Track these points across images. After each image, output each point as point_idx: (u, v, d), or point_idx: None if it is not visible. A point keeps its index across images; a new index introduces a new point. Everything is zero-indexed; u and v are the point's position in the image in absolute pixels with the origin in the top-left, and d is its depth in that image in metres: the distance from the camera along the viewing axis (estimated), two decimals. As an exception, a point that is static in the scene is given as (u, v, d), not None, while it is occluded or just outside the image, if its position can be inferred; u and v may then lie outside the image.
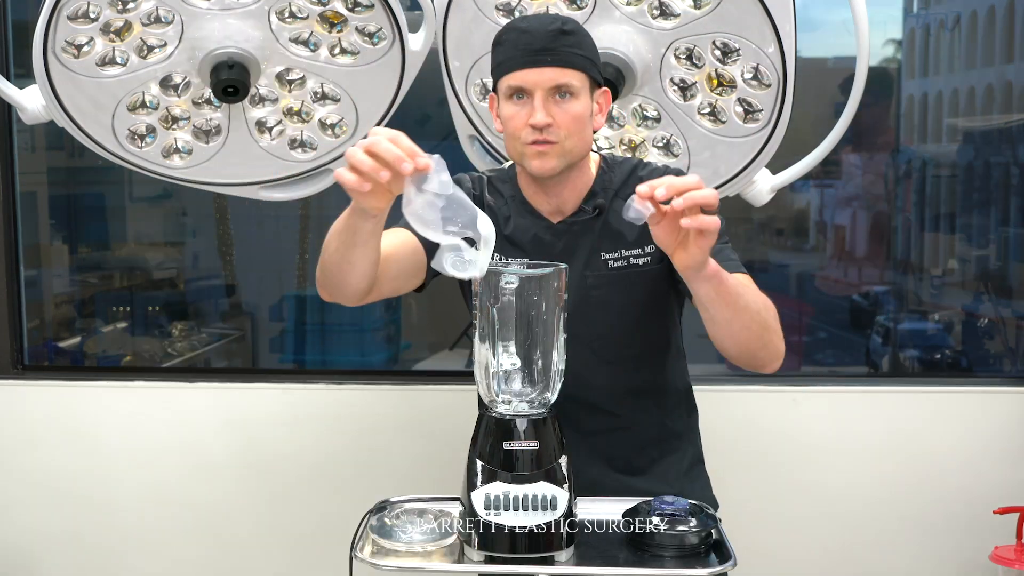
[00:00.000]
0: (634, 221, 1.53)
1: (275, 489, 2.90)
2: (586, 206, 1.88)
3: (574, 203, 1.89)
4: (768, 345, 1.73)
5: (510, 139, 1.83)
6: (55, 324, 3.73)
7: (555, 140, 1.79)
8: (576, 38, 1.81)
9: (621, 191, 1.89)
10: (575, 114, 1.79)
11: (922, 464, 2.80)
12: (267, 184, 2.35)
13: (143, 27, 2.12)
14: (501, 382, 1.54)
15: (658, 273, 1.87)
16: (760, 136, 2.19)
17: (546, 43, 1.77)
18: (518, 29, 1.81)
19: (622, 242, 1.87)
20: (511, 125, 1.81)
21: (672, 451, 1.96)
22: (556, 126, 1.78)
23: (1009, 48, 3.90)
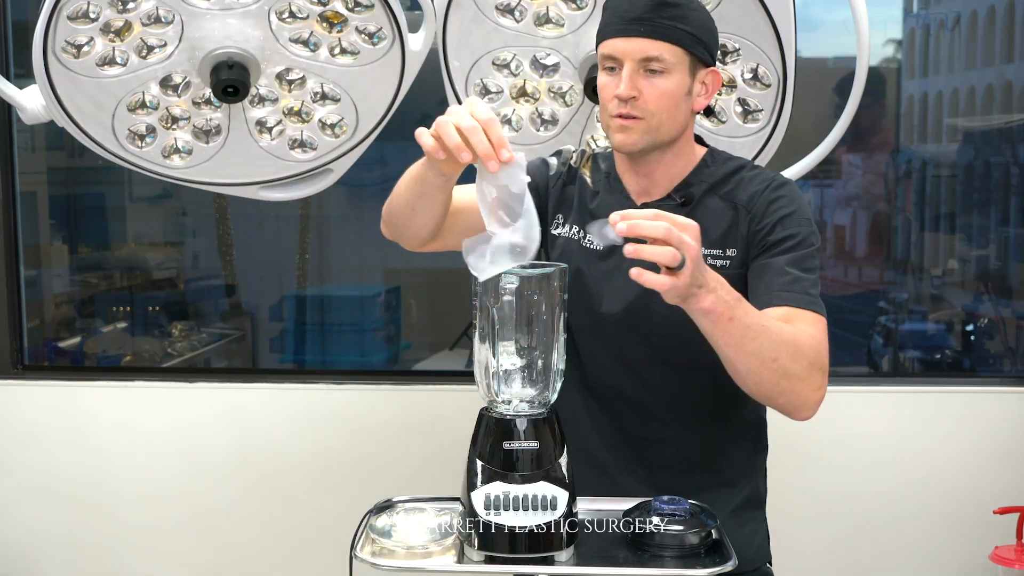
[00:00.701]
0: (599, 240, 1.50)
1: (275, 489, 2.90)
2: (675, 194, 1.80)
3: (664, 188, 1.81)
4: (787, 393, 1.59)
5: (602, 110, 1.76)
6: (55, 324, 3.73)
7: (640, 116, 1.71)
8: (680, 11, 1.70)
9: (718, 187, 1.80)
10: (665, 90, 1.70)
11: (922, 464, 2.80)
12: (267, 184, 2.35)
13: (143, 27, 2.12)
14: (501, 382, 1.54)
15: (738, 278, 1.75)
16: (760, 136, 2.19)
17: (642, 12, 1.69)
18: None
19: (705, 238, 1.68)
20: (602, 95, 1.74)
21: (724, 484, 1.81)
22: (643, 100, 1.70)
23: (1009, 48, 3.91)
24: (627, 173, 1.84)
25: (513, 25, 2.15)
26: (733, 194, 1.79)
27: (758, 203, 1.77)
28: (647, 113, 1.71)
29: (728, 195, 1.80)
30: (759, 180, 1.80)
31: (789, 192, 1.79)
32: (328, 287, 4.11)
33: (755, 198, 1.77)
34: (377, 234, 1.95)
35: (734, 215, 1.78)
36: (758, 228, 1.76)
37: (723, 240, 1.77)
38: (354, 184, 3.87)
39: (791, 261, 1.72)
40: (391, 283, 4.02)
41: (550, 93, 2.22)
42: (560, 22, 2.13)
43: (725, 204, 1.79)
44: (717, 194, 1.80)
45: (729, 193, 1.80)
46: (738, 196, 1.79)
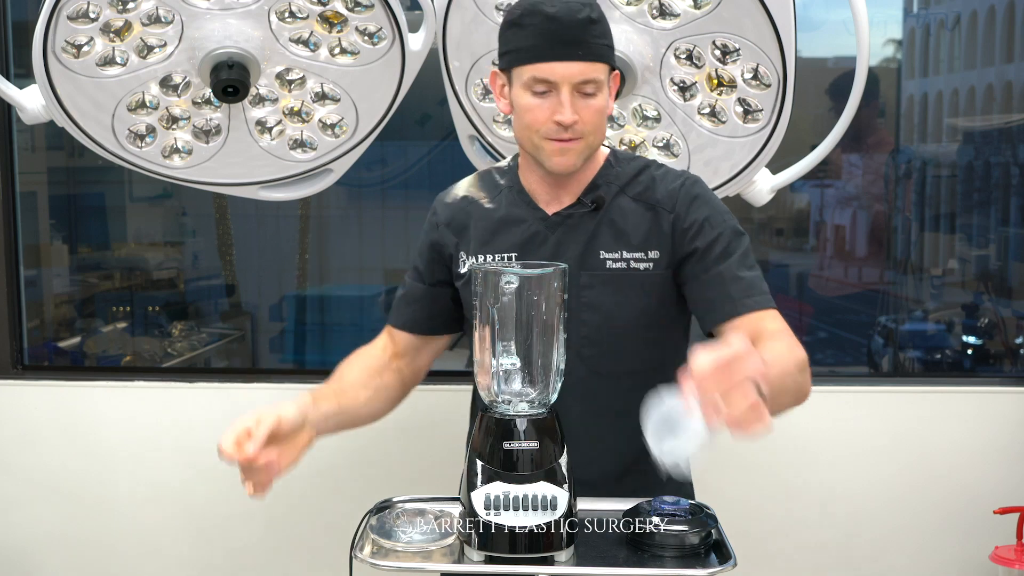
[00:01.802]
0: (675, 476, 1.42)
1: (275, 489, 2.89)
2: (584, 199, 1.81)
3: (573, 193, 1.82)
4: (800, 400, 1.67)
5: (525, 130, 1.75)
6: (55, 324, 3.73)
7: (579, 136, 1.73)
8: (602, 25, 1.73)
9: (628, 188, 1.82)
10: (598, 108, 1.73)
11: (922, 464, 2.80)
12: (267, 184, 2.35)
13: (143, 27, 2.12)
14: (501, 382, 1.54)
15: (663, 280, 1.79)
16: (760, 136, 2.19)
17: (576, 34, 1.68)
18: (544, 14, 1.69)
19: (624, 242, 1.79)
20: (529, 116, 1.73)
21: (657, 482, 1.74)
22: (581, 122, 1.71)
23: (1009, 48, 3.90)
24: (538, 185, 1.84)
25: (513, 25, 2.15)
26: (646, 194, 1.82)
27: (678, 202, 1.79)
28: (584, 133, 1.73)
29: (641, 196, 1.82)
30: (671, 178, 1.82)
31: (704, 189, 1.83)
32: (328, 287, 4.11)
33: (673, 196, 1.80)
34: (377, 234, 1.95)
35: (653, 215, 1.80)
36: (685, 227, 1.78)
37: (645, 243, 1.79)
38: (354, 184, 3.87)
39: (738, 263, 1.76)
40: (391, 283, 4.01)
41: (550, 93, 2.22)
42: (560, 22, 2.13)
43: (639, 205, 1.81)
44: (628, 195, 1.82)
45: (642, 194, 1.82)
46: (652, 196, 1.81)
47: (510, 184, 1.88)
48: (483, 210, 1.88)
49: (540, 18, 1.69)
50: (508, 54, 1.75)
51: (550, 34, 1.68)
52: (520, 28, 1.72)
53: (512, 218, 1.85)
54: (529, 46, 1.70)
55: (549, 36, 1.68)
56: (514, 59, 1.73)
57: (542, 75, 1.70)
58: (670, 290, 1.81)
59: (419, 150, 3.94)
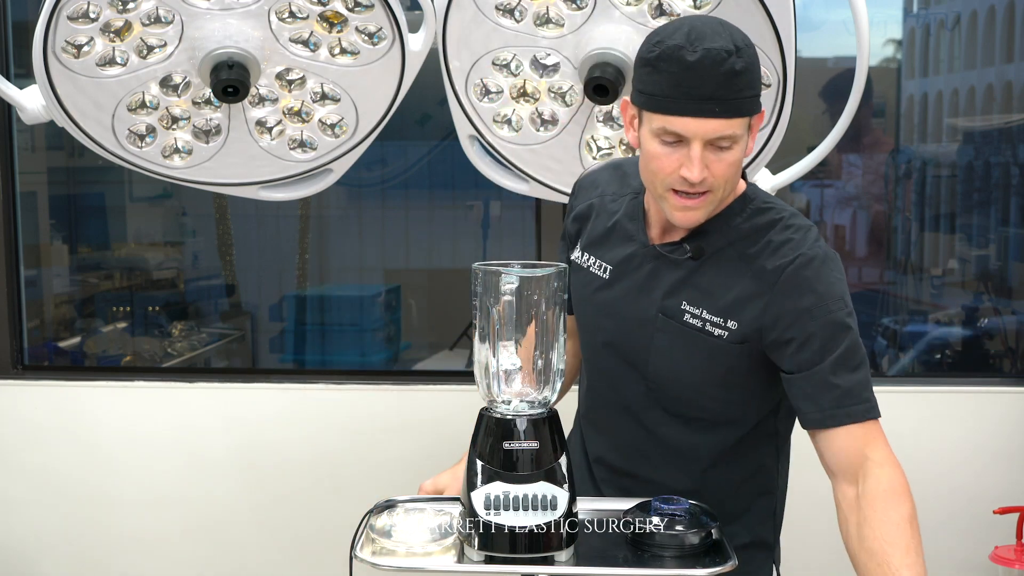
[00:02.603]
0: None
1: (275, 489, 2.90)
2: (687, 243, 1.67)
3: (685, 230, 1.68)
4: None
5: (651, 175, 1.62)
6: (55, 324, 3.73)
7: (708, 191, 1.59)
8: (748, 76, 1.54)
9: (740, 243, 1.65)
10: (732, 161, 1.58)
11: (922, 464, 2.79)
12: (267, 184, 2.35)
13: (143, 27, 2.12)
14: (501, 382, 1.54)
15: (737, 351, 1.65)
16: (760, 136, 2.19)
17: (715, 90, 1.51)
18: (683, 62, 1.52)
19: (709, 302, 1.66)
20: (656, 164, 1.59)
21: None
22: (711, 176, 1.57)
23: (1009, 48, 3.91)
24: (653, 207, 1.72)
25: (513, 25, 2.15)
26: (756, 258, 1.65)
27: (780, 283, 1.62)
28: (714, 187, 1.59)
29: (749, 256, 1.65)
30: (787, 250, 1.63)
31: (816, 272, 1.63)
32: (328, 287, 4.11)
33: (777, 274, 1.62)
34: (377, 234, 1.95)
35: (750, 283, 1.64)
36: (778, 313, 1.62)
37: (730, 309, 1.64)
38: (354, 184, 3.88)
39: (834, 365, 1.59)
40: (391, 283, 4.02)
41: (550, 93, 2.22)
42: (560, 22, 2.13)
43: (743, 265, 1.65)
44: (736, 249, 1.66)
45: (751, 255, 1.65)
46: (760, 262, 1.64)
47: (636, 192, 1.77)
48: (606, 207, 1.81)
49: (678, 66, 1.52)
50: (641, 94, 1.59)
51: (686, 87, 1.52)
52: (655, 71, 1.55)
53: (622, 231, 1.76)
54: (662, 95, 1.55)
55: (685, 89, 1.52)
56: (646, 103, 1.58)
57: (673, 128, 1.55)
58: (743, 360, 1.66)
59: (419, 150, 3.95)
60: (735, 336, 1.64)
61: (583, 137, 2.26)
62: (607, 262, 1.76)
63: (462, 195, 4.04)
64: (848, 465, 1.62)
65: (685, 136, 1.55)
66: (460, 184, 4.01)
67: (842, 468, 1.63)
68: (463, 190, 4.01)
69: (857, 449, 1.61)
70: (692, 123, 1.53)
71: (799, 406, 1.63)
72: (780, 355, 1.63)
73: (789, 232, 1.66)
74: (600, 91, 2.09)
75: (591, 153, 2.27)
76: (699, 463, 1.76)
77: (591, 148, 2.27)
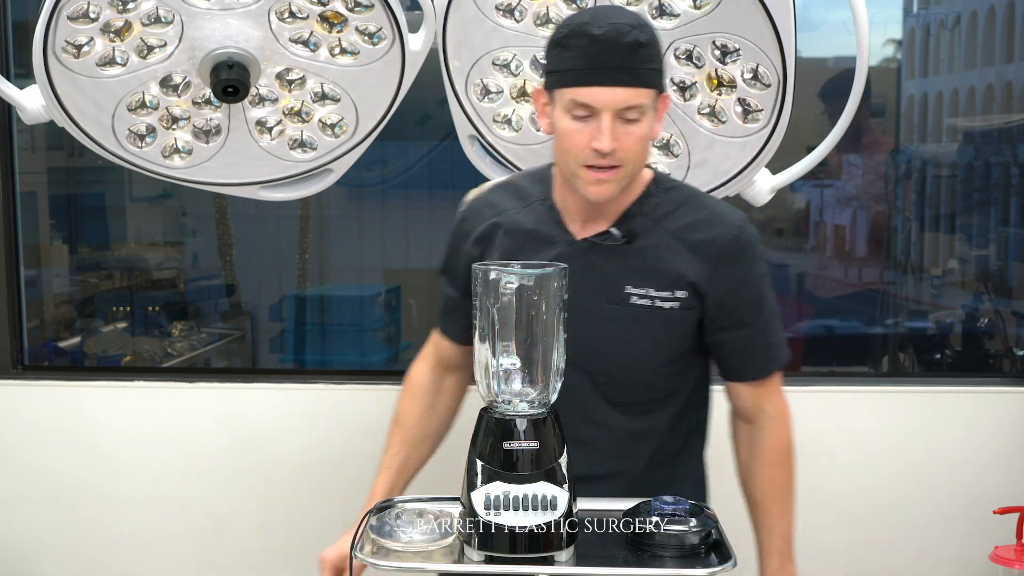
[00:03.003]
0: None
1: (275, 489, 2.90)
2: (615, 229, 1.75)
3: (607, 218, 1.76)
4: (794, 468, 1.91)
5: (563, 153, 1.70)
6: (55, 324, 3.73)
7: (618, 164, 1.66)
8: (651, 49, 1.65)
9: (665, 221, 1.75)
10: (640, 135, 1.66)
11: (922, 464, 2.80)
12: (267, 184, 2.35)
13: (143, 27, 2.12)
14: (501, 382, 1.54)
15: (687, 318, 1.76)
16: (760, 136, 2.19)
17: (622, 59, 1.61)
18: (589, 36, 1.62)
19: (653, 279, 1.74)
20: (568, 141, 1.67)
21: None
22: (621, 149, 1.64)
23: (1009, 48, 3.91)
24: (568, 201, 1.78)
25: (513, 25, 2.15)
26: (686, 233, 1.75)
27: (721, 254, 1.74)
28: (624, 161, 1.67)
29: (680, 232, 1.76)
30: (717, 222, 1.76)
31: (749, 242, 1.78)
32: (328, 287, 4.11)
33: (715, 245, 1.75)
34: (377, 234, 1.95)
35: (689, 256, 1.75)
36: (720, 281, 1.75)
37: (675, 282, 1.74)
38: (354, 184, 3.88)
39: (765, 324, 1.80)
40: (391, 283, 4.02)
41: (550, 93, 2.22)
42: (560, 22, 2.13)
43: (676, 242, 1.75)
44: (665, 227, 1.76)
45: (681, 231, 1.76)
46: (693, 236, 1.75)
47: (543, 197, 1.82)
48: (512, 220, 1.83)
49: (586, 40, 1.62)
50: (551, 75, 1.69)
51: (594, 58, 1.61)
52: (565, 49, 1.65)
53: (540, 235, 1.80)
54: (572, 68, 1.63)
55: (593, 60, 1.61)
56: (557, 81, 1.67)
57: (583, 99, 1.63)
58: (691, 326, 1.78)
59: (419, 150, 3.94)
60: (685, 304, 1.75)
61: (583, 137, 2.26)
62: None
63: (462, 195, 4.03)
64: (749, 410, 1.86)
65: (595, 107, 1.63)
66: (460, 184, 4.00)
67: (743, 411, 1.87)
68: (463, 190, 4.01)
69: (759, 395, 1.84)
70: (601, 93, 1.62)
71: (729, 362, 1.83)
72: (718, 316, 1.77)
73: (710, 205, 1.80)
74: (600, 91, 2.08)
75: (591, 153, 2.27)
76: (652, 441, 1.83)
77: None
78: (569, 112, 1.65)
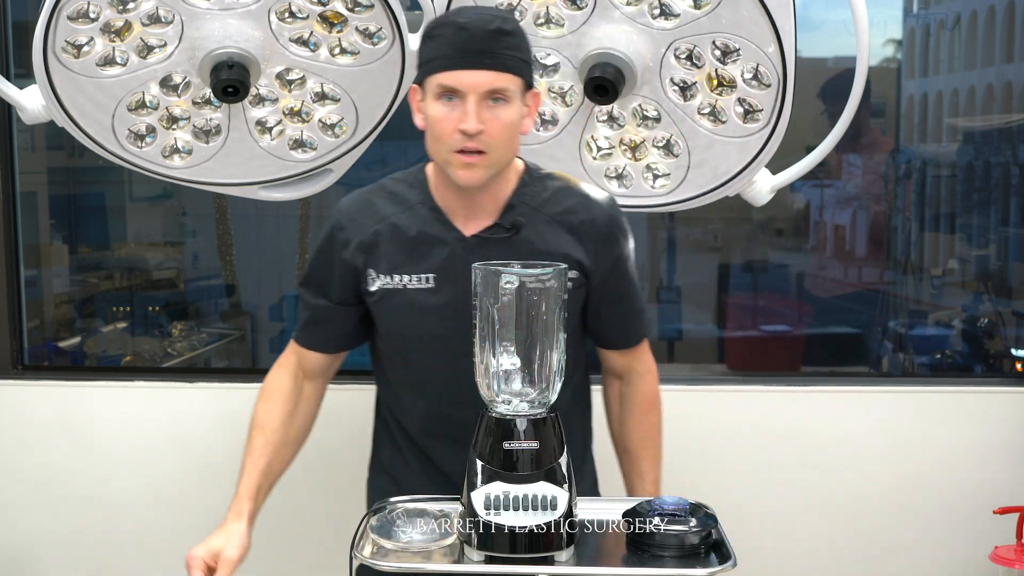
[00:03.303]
0: None
1: (275, 489, 2.90)
2: (502, 222, 1.83)
3: (490, 212, 1.83)
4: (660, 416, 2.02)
5: (435, 141, 1.76)
6: (55, 324, 3.74)
7: (484, 150, 1.72)
8: (515, 39, 1.74)
9: (545, 207, 1.85)
10: (507, 121, 1.73)
11: (922, 464, 2.80)
12: (267, 184, 2.35)
13: (143, 27, 2.12)
14: (501, 382, 1.54)
15: (580, 296, 1.86)
16: (760, 136, 2.19)
17: (485, 43, 1.70)
18: (455, 24, 1.72)
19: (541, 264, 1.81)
20: (438, 127, 1.74)
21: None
22: (487, 134, 1.71)
23: (1009, 48, 3.91)
24: (452, 202, 1.84)
25: (513, 25, 2.15)
26: (566, 217, 1.86)
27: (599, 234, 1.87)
28: (491, 147, 1.73)
29: (560, 217, 1.86)
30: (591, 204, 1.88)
31: (622, 220, 1.92)
32: (328, 287, 4.10)
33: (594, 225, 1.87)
34: (377, 234, 1.95)
35: (572, 239, 1.86)
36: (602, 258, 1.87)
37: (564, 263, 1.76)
38: (354, 184, 3.85)
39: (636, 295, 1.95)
40: (391, 283, 4.01)
41: (550, 93, 2.22)
42: (560, 22, 2.13)
43: (558, 226, 1.86)
44: (545, 213, 1.85)
45: (561, 215, 1.86)
46: (573, 219, 1.86)
47: (422, 199, 1.87)
48: (394, 227, 1.87)
49: (451, 29, 1.72)
50: (421, 67, 1.78)
51: (458, 44, 1.70)
52: (432, 39, 1.74)
53: (428, 238, 1.85)
54: (438, 56, 1.72)
55: (458, 45, 1.70)
56: (425, 70, 1.75)
57: (448, 83, 1.71)
58: (580, 304, 1.89)
59: (419, 150, 3.94)
60: (576, 283, 1.84)
61: (583, 137, 2.26)
62: (425, 272, 1.84)
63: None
64: (622, 369, 2.00)
65: (460, 90, 1.70)
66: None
67: (616, 370, 2.01)
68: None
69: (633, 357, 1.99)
70: (465, 76, 1.69)
71: (609, 333, 1.96)
72: (600, 292, 1.90)
73: (582, 190, 1.91)
74: (600, 91, 2.09)
75: (591, 153, 2.27)
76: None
77: (591, 148, 2.27)
78: (438, 99, 1.73)
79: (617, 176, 2.29)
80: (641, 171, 2.28)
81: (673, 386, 2.79)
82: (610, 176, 2.29)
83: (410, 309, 1.85)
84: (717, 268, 4.12)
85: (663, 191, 2.29)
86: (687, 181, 2.26)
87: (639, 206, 2.34)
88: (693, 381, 2.91)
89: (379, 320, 1.92)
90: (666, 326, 3.88)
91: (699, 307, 4.07)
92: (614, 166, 2.28)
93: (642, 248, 3.91)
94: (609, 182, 2.29)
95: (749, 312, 4.09)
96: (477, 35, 1.69)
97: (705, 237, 4.21)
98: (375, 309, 1.90)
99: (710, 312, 4.04)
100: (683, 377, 3.06)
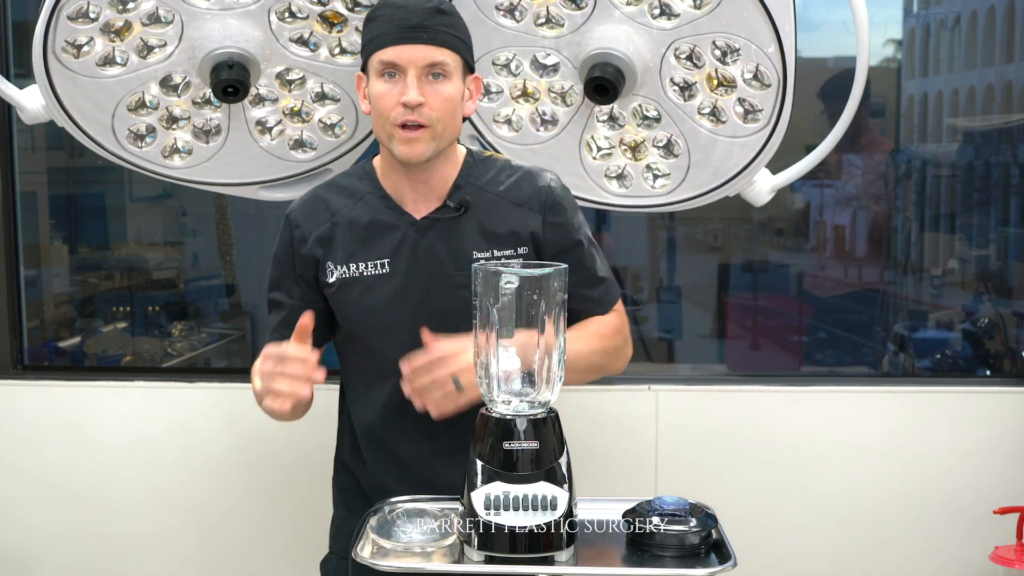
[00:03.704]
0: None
1: (275, 489, 2.90)
2: (450, 202, 1.87)
3: (439, 194, 1.88)
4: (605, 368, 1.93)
5: (379, 118, 1.81)
6: (55, 324, 3.73)
7: (426, 123, 1.78)
8: (451, 18, 1.82)
9: (490, 185, 1.90)
10: (448, 96, 1.79)
11: (922, 464, 2.80)
12: (267, 184, 2.35)
13: (143, 27, 2.12)
14: (501, 382, 1.54)
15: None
16: (760, 136, 2.19)
17: (422, 20, 1.77)
18: (393, 5, 1.80)
19: (493, 240, 1.87)
20: (381, 103, 1.79)
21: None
22: (428, 107, 1.77)
23: (1009, 48, 3.91)
24: (401, 186, 1.89)
25: (513, 25, 2.15)
26: (511, 192, 1.91)
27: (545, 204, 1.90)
28: (432, 120, 1.78)
29: (505, 194, 1.90)
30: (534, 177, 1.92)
31: (566, 191, 1.95)
32: (328, 287, 4.10)
33: (539, 197, 1.90)
34: (377, 234, 1.96)
35: (520, 213, 1.89)
36: (552, 228, 1.90)
37: (514, 238, 1.87)
38: (354, 184, 3.87)
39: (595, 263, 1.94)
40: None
41: (550, 93, 2.22)
42: (560, 22, 2.13)
43: (505, 202, 1.90)
44: (491, 192, 1.90)
45: (506, 192, 1.91)
46: (518, 194, 1.91)
47: (371, 189, 1.92)
48: (347, 218, 1.91)
49: (390, 9, 1.79)
50: (364, 49, 1.84)
51: (396, 21, 1.77)
52: (373, 21, 1.82)
53: (380, 224, 1.89)
54: (379, 34, 1.79)
55: (396, 22, 1.77)
56: (368, 49, 1.81)
57: (388, 58, 1.77)
58: None
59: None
60: (528, 257, 1.88)
61: (583, 137, 2.26)
62: (379, 257, 1.89)
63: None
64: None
65: (400, 64, 1.77)
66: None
67: None
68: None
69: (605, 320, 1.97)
70: (405, 50, 1.76)
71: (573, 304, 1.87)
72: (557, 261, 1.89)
73: (522, 169, 1.94)
74: (600, 91, 2.09)
75: (591, 153, 2.27)
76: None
77: (591, 148, 2.27)
78: (380, 76, 1.79)
79: (617, 176, 2.29)
80: (641, 171, 2.28)
81: (673, 386, 2.79)
82: (610, 176, 2.29)
83: (367, 296, 1.89)
84: (717, 268, 4.12)
85: (663, 191, 2.29)
86: (687, 181, 2.26)
87: (639, 206, 2.34)
88: (693, 381, 2.91)
89: (338, 311, 1.95)
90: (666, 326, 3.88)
91: (699, 307, 4.07)
92: (614, 166, 2.28)
93: (642, 248, 3.92)
94: (609, 182, 2.30)
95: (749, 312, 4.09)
96: (415, 13, 1.77)
97: (705, 237, 4.21)
98: (334, 300, 1.93)
99: (710, 312, 4.04)
100: (683, 377, 3.06)
